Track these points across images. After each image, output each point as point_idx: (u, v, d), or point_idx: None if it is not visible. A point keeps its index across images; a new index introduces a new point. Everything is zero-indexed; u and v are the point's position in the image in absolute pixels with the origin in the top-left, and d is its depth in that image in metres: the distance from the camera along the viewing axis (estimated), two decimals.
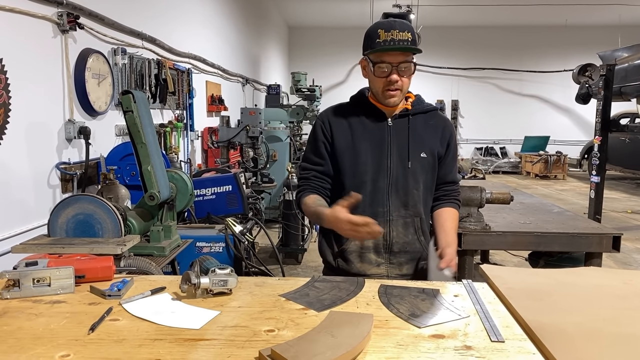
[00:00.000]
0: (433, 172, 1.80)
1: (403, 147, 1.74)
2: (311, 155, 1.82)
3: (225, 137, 5.46)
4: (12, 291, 1.28)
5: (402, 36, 1.62)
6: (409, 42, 1.63)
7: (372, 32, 1.67)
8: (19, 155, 2.72)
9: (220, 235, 3.25)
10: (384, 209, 1.73)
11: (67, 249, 1.99)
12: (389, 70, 1.65)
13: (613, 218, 7.12)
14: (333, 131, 1.78)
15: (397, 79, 1.66)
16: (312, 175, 1.80)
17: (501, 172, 13.02)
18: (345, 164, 1.75)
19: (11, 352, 0.99)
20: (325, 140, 1.79)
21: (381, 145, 1.74)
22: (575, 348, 1.01)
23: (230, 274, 1.31)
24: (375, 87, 1.72)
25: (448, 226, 1.78)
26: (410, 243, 1.76)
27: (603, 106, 5.82)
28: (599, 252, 2.64)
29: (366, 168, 1.73)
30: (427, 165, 1.77)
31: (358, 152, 1.74)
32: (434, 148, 1.79)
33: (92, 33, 3.43)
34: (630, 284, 1.40)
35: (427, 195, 1.80)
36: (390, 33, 1.61)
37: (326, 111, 1.86)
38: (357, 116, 1.78)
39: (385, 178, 1.73)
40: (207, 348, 1.01)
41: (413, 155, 1.74)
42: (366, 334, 1.04)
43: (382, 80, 1.68)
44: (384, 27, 1.63)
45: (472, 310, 1.24)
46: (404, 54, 1.65)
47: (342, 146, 1.76)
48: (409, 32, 1.64)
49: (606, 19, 12.55)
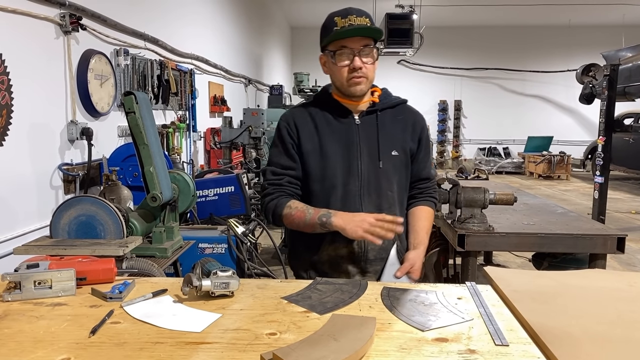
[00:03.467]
0: (406, 170, 1.72)
1: (373, 146, 1.65)
2: (281, 159, 1.68)
3: (228, 137, 5.46)
4: (14, 293, 1.27)
5: (360, 21, 1.55)
6: (366, 25, 1.56)
7: (328, 22, 1.60)
8: (22, 156, 2.72)
9: (223, 237, 3.25)
10: None
11: (70, 251, 1.99)
12: (351, 56, 1.57)
13: (617, 219, 7.09)
14: (299, 133, 1.66)
15: (360, 65, 1.57)
16: (286, 181, 1.67)
17: (504, 173, 12.99)
18: (314, 168, 1.65)
19: (12, 355, 0.99)
20: (292, 142, 1.67)
21: (350, 145, 1.64)
22: (581, 352, 1.00)
23: (232, 277, 1.30)
24: (339, 78, 1.62)
25: (419, 226, 1.71)
26: (386, 249, 1.67)
27: (607, 106, 5.80)
28: (603, 254, 2.63)
29: (336, 171, 1.63)
30: (400, 163, 1.68)
31: (326, 155, 1.63)
32: (405, 145, 1.70)
33: (94, 34, 3.44)
34: (635, 287, 1.39)
35: (402, 195, 1.72)
36: (348, 19, 1.55)
37: (290, 112, 1.76)
38: (323, 116, 1.68)
39: (356, 181, 1.63)
40: (208, 352, 1.01)
41: (384, 154, 1.65)
42: (369, 338, 1.03)
43: (345, 69, 1.59)
44: (340, 15, 1.57)
45: (476, 313, 1.23)
46: (365, 38, 1.57)
47: (309, 149, 1.65)
48: (366, 17, 1.57)
49: (610, 18, 12.51)
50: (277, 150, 1.70)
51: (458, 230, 2.55)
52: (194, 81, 5.56)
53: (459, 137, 14.77)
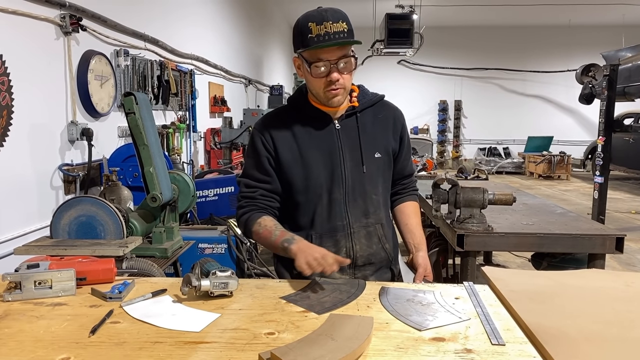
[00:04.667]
0: (389, 170, 1.68)
1: (355, 151, 1.59)
2: (254, 172, 1.61)
3: (228, 138, 5.47)
4: (14, 293, 1.28)
5: (337, 27, 1.42)
6: (345, 34, 1.44)
7: (302, 26, 1.46)
8: (22, 156, 2.73)
9: (223, 237, 3.26)
10: (343, 222, 1.58)
11: (70, 251, 2.00)
12: (327, 68, 1.47)
13: (617, 218, 7.09)
14: (276, 143, 1.57)
15: (337, 78, 1.48)
16: (259, 194, 1.59)
17: (504, 173, 12.99)
18: (296, 179, 1.57)
19: (12, 354, 1.00)
20: (268, 155, 1.58)
21: (332, 152, 1.57)
22: (577, 351, 1.00)
23: (231, 277, 1.31)
24: (315, 88, 1.53)
25: (412, 224, 1.69)
26: (375, 253, 1.62)
27: (607, 106, 5.80)
28: (602, 254, 2.63)
29: (320, 180, 1.56)
30: (383, 165, 1.63)
31: (308, 164, 1.56)
32: (387, 145, 1.64)
33: (94, 35, 3.45)
34: (632, 287, 1.39)
35: (385, 196, 1.69)
36: (323, 26, 1.41)
37: (263, 121, 1.65)
38: (300, 122, 1.59)
39: (341, 188, 1.57)
40: (207, 351, 1.01)
41: (367, 157, 1.59)
42: (366, 337, 1.04)
43: (321, 81, 1.50)
44: (314, 20, 1.43)
45: (473, 312, 1.23)
46: (342, 48, 1.46)
47: (288, 159, 1.57)
48: (343, 21, 1.44)
49: (610, 18, 12.51)
50: (250, 161, 1.63)
51: (457, 230, 2.55)
52: (194, 82, 5.57)
53: (459, 137, 14.78)
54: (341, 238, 1.58)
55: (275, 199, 1.62)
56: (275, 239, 1.49)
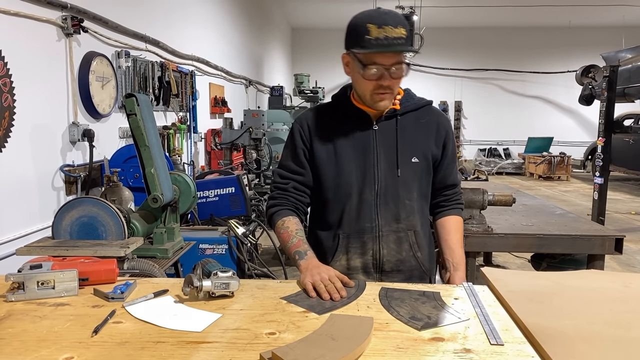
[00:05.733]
0: (427, 177, 1.62)
1: (391, 153, 1.56)
2: (289, 163, 1.62)
3: (229, 138, 5.48)
4: (17, 294, 1.29)
5: (397, 33, 1.39)
6: (404, 41, 1.41)
7: (359, 25, 1.43)
8: (24, 157, 2.74)
9: (223, 237, 3.27)
10: (371, 224, 1.56)
11: (71, 251, 2.00)
12: (380, 72, 1.45)
13: (617, 219, 7.10)
14: (312, 138, 1.59)
15: (389, 84, 1.47)
16: (292, 187, 1.61)
17: (504, 173, 13.00)
18: (328, 175, 1.57)
19: (16, 354, 1.01)
20: (304, 148, 1.60)
21: (366, 151, 1.56)
22: (574, 351, 1.01)
23: (232, 277, 1.32)
24: (362, 89, 1.52)
25: (453, 241, 1.63)
26: (405, 261, 1.58)
27: (606, 107, 5.81)
28: (602, 254, 2.64)
29: (351, 179, 1.55)
30: (420, 170, 1.59)
31: (341, 161, 1.56)
32: (427, 150, 1.60)
33: (96, 36, 3.46)
34: (630, 287, 1.40)
35: (422, 203, 1.63)
36: (383, 29, 1.38)
37: (305, 115, 1.67)
38: (339, 120, 1.59)
39: (372, 189, 1.55)
40: (208, 351, 1.02)
41: (403, 160, 1.56)
42: (366, 337, 1.05)
43: (371, 83, 1.48)
44: (375, 22, 1.39)
45: (472, 313, 1.24)
46: (397, 54, 1.44)
47: (323, 155, 1.58)
48: (402, 27, 1.41)
49: (610, 19, 12.52)
50: (287, 152, 1.65)
51: None
52: (195, 82, 5.58)
53: (459, 138, 14.79)
54: (368, 240, 1.57)
55: (306, 194, 1.63)
56: (291, 246, 1.52)
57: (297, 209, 1.63)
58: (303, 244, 1.52)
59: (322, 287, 1.33)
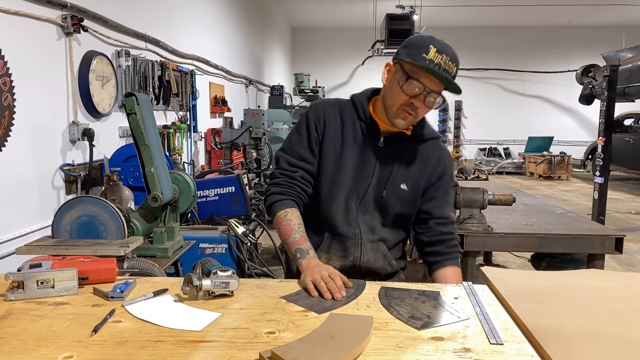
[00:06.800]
0: (411, 205, 1.63)
1: (384, 174, 1.59)
2: (299, 149, 1.60)
3: (229, 138, 5.48)
4: (16, 293, 1.29)
5: (450, 67, 1.45)
6: (452, 76, 1.46)
7: (420, 43, 1.45)
8: (24, 157, 2.74)
9: (223, 237, 3.27)
10: (355, 231, 1.60)
11: (71, 251, 2.00)
12: (419, 92, 1.46)
13: (617, 219, 7.10)
14: (325, 131, 1.59)
15: (419, 106, 1.48)
16: (300, 176, 1.59)
17: (505, 173, 13.00)
18: (328, 171, 1.59)
19: (15, 353, 1.01)
20: (317, 136, 1.59)
21: (365, 163, 1.58)
22: (574, 351, 1.01)
23: (232, 276, 1.32)
24: (393, 100, 1.51)
25: None
26: (381, 268, 1.64)
27: (607, 107, 5.81)
28: (602, 254, 2.64)
29: (345, 182, 1.58)
30: (404, 198, 1.60)
31: (342, 162, 1.58)
32: (419, 181, 1.62)
33: (96, 35, 3.46)
34: (630, 287, 1.40)
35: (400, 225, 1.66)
36: (442, 56, 1.43)
37: (323, 104, 1.65)
38: (352, 122, 1.60)
39: (356, 200, 1.59)
40: (208, 350, 1.02)
41: (391, 184, 1.58)
42: (366, 336, 1.05)
43: (404, 97, 1.48)
44: (437, 46, 1.43)
45: (472, 312, 1.24)
46: (440, 84, 1.47)
47: (329, 149, 1.59)
48: (456, 66, 1.47)
49: (610, 19, 12.52)
50: (298, 138, 1.61)
51: (457, 230, 2.56)
52: (195, 82, 5.58)
53: (460, 138, 14.79)
54: (351, 245, 1.60)
55: (311, 184, 1.62)
56: (292, 242, 1.51)
57: (300, 199, 1.61)
58: (305, 241, 1.52)
59: (322, 285, 1.33)
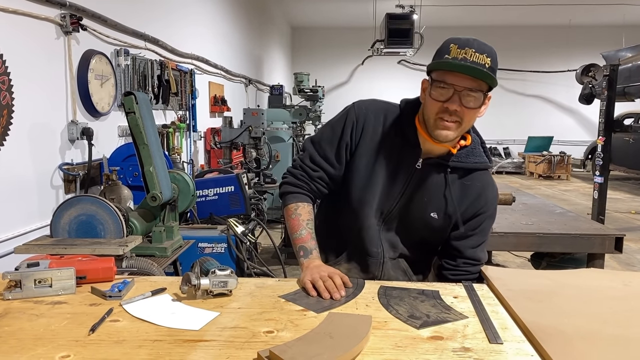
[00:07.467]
0: (438, 234, 1.52)
1: (416, 199, 1.47)
2: (326, 148, 1.51)
3: (228, 137, 5.46)
4: (14, 292, 1.29)
5: (478, 58, 1.28)
6: (484, 68, 1.28)
7: (442, 47, 1.35)
8: (22, 156, 2.74)
9: (223, 236, 3.26)
10: (377, 250, 1.53)
11: (70, 250, 2.00)
12: (449, 94, 1.31)
13: (617, 219, 7.09)
14: (361, 139, 1.48)
15: (455, 108, 1.31)
16: (318, 177, 1.52)
17: (504, 173, 12.99)
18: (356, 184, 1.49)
19: (12, 352, 1.00)
20: (349, 142, 1.49)
21: (396, 182, 1.47)
22: (574, 350, 1.01)
23: (230, 275, 1.31)
24: (428, 112, 1.38)
25: None
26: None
27: (606, 106, 5.80)
28: (601, 253, 2.64)
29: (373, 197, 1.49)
30: (432, 226, 1.49)
31: (372, 177, 1.47)
32: (452, 212, 1.47)
33: (95, 34, 3.45)
34: (630, 286, 1.40)
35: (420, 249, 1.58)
36: (464, 51, 1.29)
37: (367, 108, 1.52)
38: (393, 136, 1.47)
39: (380, 217, 1.51)
40: (206, 349, 1.02)
41: (420, 210, 1.48)
42: (365, 336, 1.05)
43: (437, 105, 1.33)
44: (458, 43, 1.31)
45: (472, 311, 1.24)
46: (475, 80, 1.30)
47: (360, 160, 1.48)
48: (488, 56, 1.29)
49: (610, 18, 12.51)
50: (330, 135, 1.52)
51: None
52: (194, 81, 5.57)
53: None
54: (372, 264, 1.55)
55: (329, 187, 1.55)
56: (297, 238, 1.48)
57: (314, 196, 1.57)
58: (311, 239, 1.48)
59: (321, 284, 1.32)
